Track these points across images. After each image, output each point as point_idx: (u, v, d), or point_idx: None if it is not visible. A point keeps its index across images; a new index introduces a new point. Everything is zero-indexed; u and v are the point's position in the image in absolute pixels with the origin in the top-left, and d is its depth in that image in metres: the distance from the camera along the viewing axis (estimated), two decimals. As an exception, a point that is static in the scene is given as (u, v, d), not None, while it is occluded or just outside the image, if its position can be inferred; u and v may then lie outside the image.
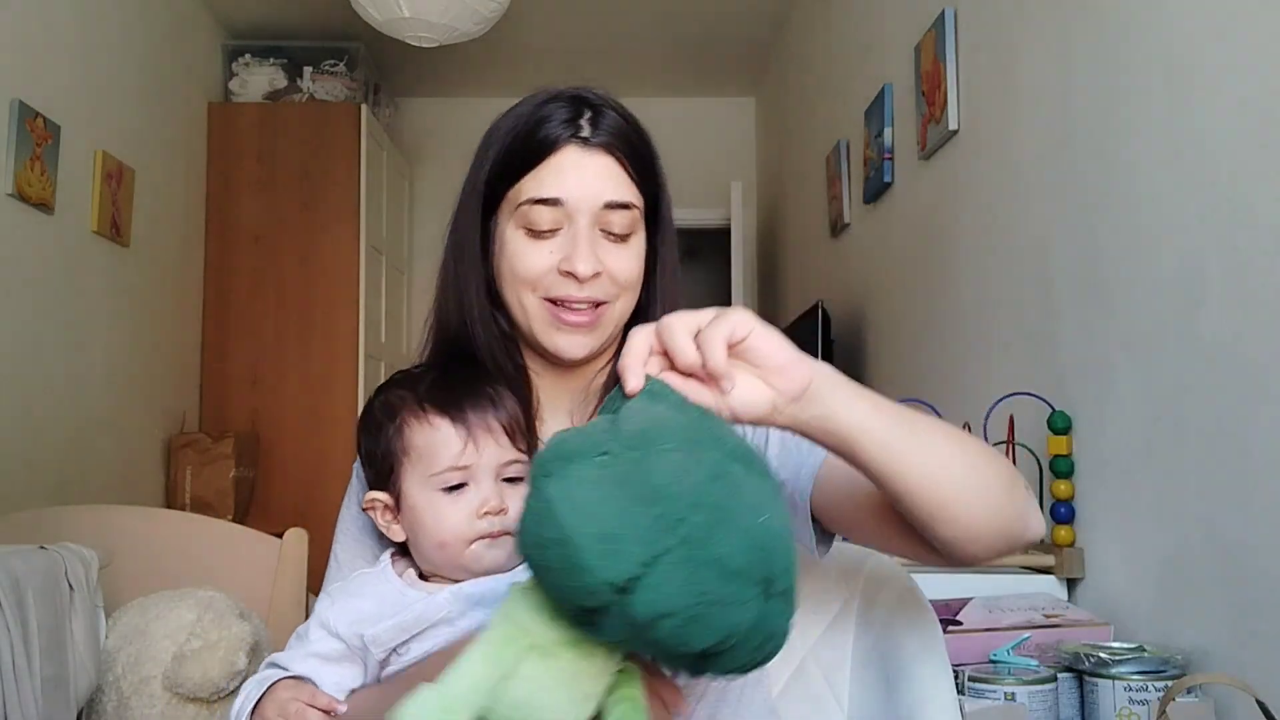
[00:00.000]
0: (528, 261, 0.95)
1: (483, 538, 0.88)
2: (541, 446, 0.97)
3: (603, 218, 0.95)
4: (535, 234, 0.95)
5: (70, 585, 1.62)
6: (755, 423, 0.75)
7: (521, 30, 4.05)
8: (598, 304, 0.96)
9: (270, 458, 3.95)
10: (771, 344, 0.73)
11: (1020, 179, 1.95)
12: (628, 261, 0.96)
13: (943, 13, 2.29)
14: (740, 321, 0.71)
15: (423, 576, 0.92)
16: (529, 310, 0.96)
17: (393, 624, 0.86)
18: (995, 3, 2.07)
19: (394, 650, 0.87)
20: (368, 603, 0.89)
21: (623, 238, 0.96)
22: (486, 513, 0.88)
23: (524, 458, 0.91)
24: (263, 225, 4.05)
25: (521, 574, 0.73)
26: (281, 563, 1.86)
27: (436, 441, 0.89)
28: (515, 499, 0.89)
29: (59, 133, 2.86)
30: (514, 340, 1.01)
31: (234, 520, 3.46)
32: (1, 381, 2.64)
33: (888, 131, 2.73)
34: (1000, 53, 2.05)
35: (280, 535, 1.88)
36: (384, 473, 0.93)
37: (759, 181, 4.86)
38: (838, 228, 3.31)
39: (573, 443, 0.65)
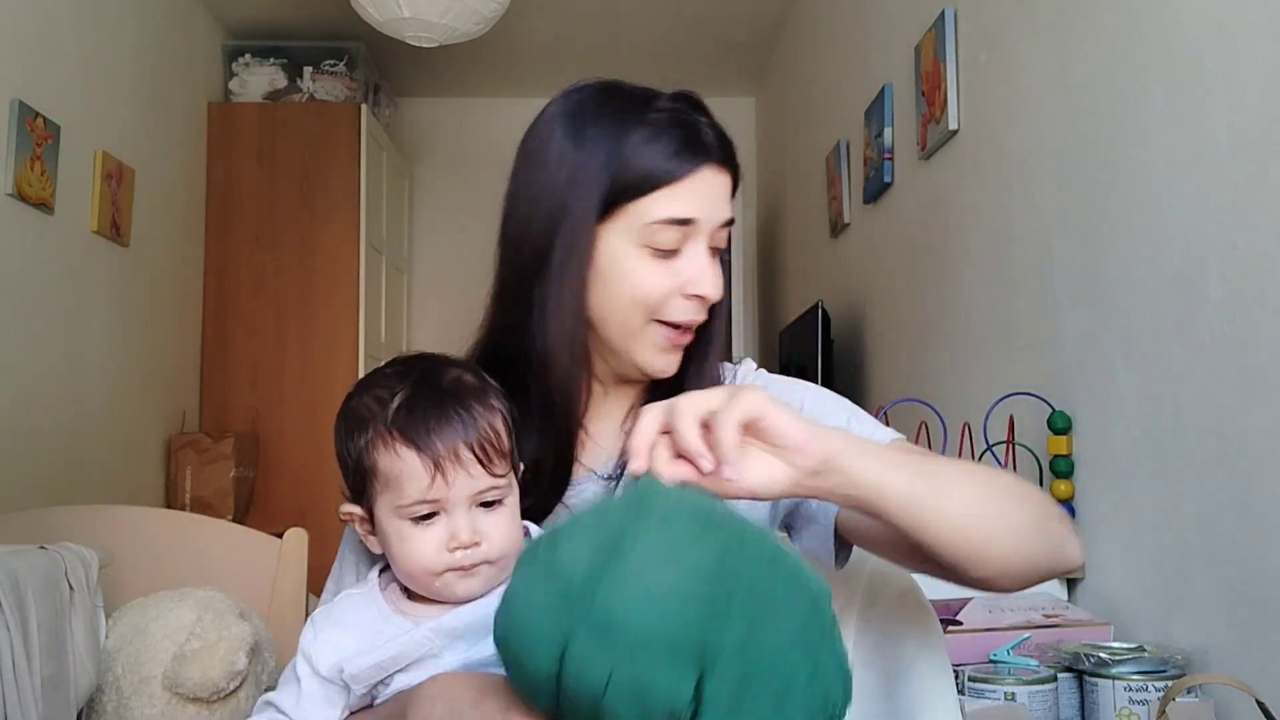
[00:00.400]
0: (649, 284, 0.91)
1: (454, 570, 0.84)
2: (587, 458, 0.98)
3: (716, 236, 0.93)
4: (661, 254, 0.91)
5: (70, 585, 1.62)
6: (776, 499, 0.76)
7: (521, 30, 4.05)
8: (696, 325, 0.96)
9: (270, 458, 3.95)
10: (786, 424, 0.72)
11: (1020, 179, 1.95)
12: (721, 277, 0.96)
13: (943, 13, 2.29)
14: (753, 405, 0.71)
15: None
16: (633, 330, 0.92)
17: (371, 663, 0.83)
18: (995, 3, 2.07)
19: (379, 683, 0.85)
20: (349, 635, 0.86)
21: (723, 252, 0.95)
22: (457, 546, 0.83)
23: (499, 482, 0.85)
24: (263, 225, 4.05)
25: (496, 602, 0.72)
26: (281, 563, 1.86)
27: (403, 473, 0.83)
28: (492, 525, 0.85)
29: (59, 133, 2.86)
30: (588, 354, 0.96)
31: (234, 520, 3.46)
32: (1, 382, 2.64)
33: (888, 131, 2.73)
34: (1000, 53, 2.05)
35: (280, 535, 1.88)
36: (356, 486, 0.89)
37: (759, 181, 4.86)
38: (838, 228, 3.32)
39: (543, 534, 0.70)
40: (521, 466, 0.92)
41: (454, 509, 0.84)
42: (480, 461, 0.83)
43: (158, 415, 3.63)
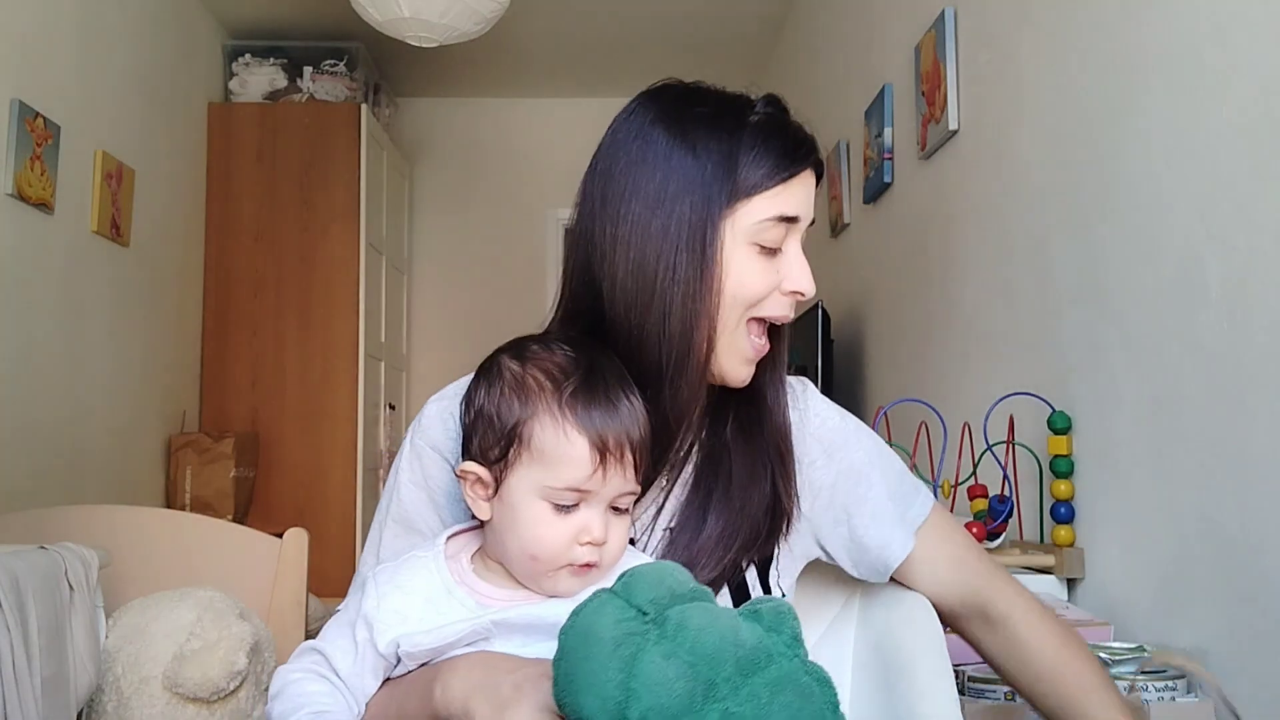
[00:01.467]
0: (754, 279, 0.93)
1: (572, 565, 0.83)
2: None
3: (803, 234, 0.98)
4: (767, 252, 0.94)
5: (70, 585, 1.62)
6: None
7: (521, 30, 4.05)
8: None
9: (270, 458, 3.95)
10: None
11: (1020, 179, 1.95)
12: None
13: (943, 13, 2.29)
14: None
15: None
16: (729, 328, 0.93)
17: (430, 646, 0.83)
18: (995, 3, 2.07)
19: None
20: (414, 603, 0.84)
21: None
22: (588, 542, 0.82)
23: (636, 489, 0.85)
24: (263, 225, 4.05)
25: (568, 609, 0.73)
26: (281, 563, 1.86)
27: (567, 457, 0.81)
28: (615, 531, 0.84)
29: (59, 133, 2.86)
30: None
31: (234, 520, 3.47)
32: (1, 381, 2.64)
33: (888, 131, 2.73)
34: (1000, 53, 2.05)
35: (280, 535, 1.88)
36: (489, 446, 0.85)
37: (759, 181, 4.85)
38: (838, 228, 3.32)
39: None
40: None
41: (595, 504, 0.83)
42: (635, 465, 0.84)
43: (158, 415, 3.63)
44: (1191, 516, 1.40)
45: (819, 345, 2.88)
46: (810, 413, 1.05)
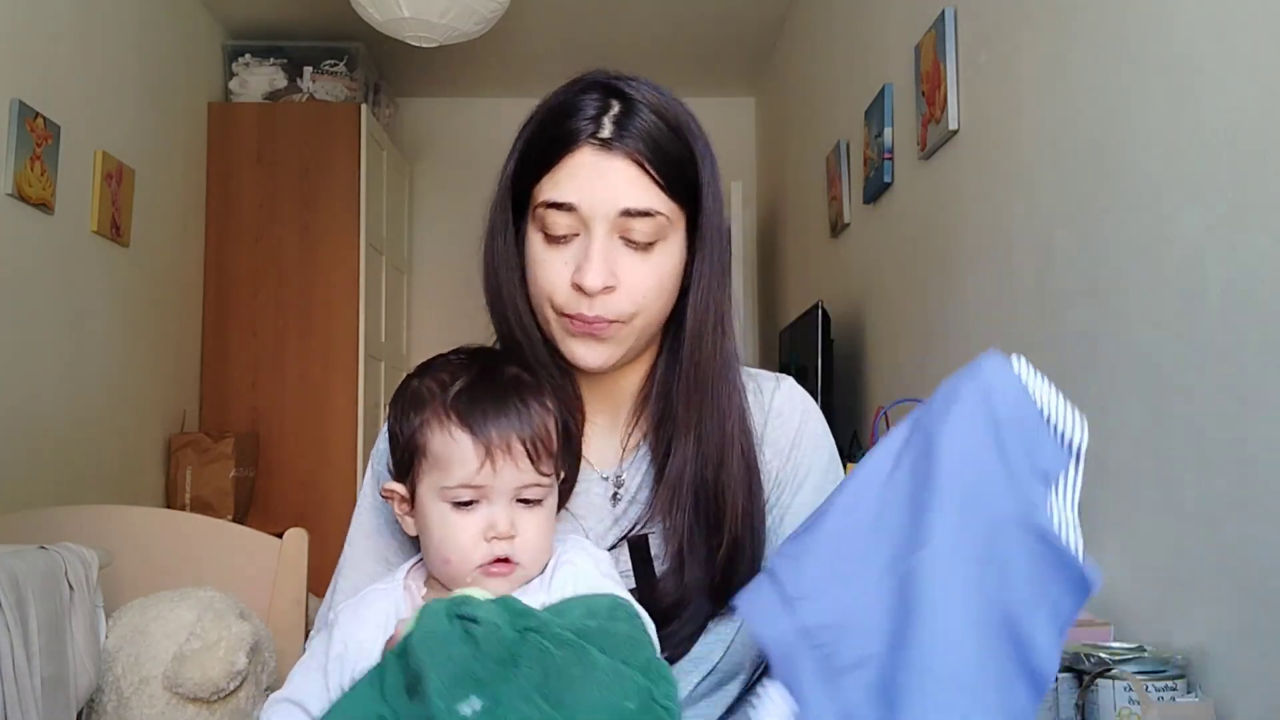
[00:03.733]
0: (544, 270, 0.90)
1: (488, 562, 0.84)
2: (587, 452, 0.97)
3: (622, 225, 0.88)
4: (552, 239, 0.90)
5: (70, 585, 1.62)
6: None
7: (521, 30, 4.05)
8: (608, 322, 0.90)
9: (270, 458, 3.95)
10: None
11: (1020, 179, 1.95)
12: (648, 275, 0.90)
13: (943, 13, 2.29)
14: None
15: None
16: (546, 318, 0.92)
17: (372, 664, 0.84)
18: (995, 3, 2.07)
19: None
20: (377, 633, 0.85)
21: (645, 246, 0.89)
22: (494, 537, 0.84)
23: (543, 480, 0.86)
24: (263, 225, 4.05)
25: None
26: (281, 563, 1.86)
27: (454, 455, 0.85)
28: (529, 523, 0.85)
29: (59, 133, 2.86)
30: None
31: (234, 520, 3.47)
32: (1, 381, 2.64)
33: (888, 131, 2.73)
34: (1000, 53, 2.05)
35: (280, 535, 1.88)
36: (403, 463, 0.89)
37: (759, 181, 4.86)
38: (838, 228, 3.32)
39: None
40: (563, 474, 0.92)
41: (496, 499, 0.85)
42: (530, 456, 0.85)
43: (158, 415, 3.63)
44: (1191, 516, 1.40)
45: (819, 345, 2.88)
46: (771, 414, 1.00)
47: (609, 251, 0.88)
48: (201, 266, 4.01)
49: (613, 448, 1.00)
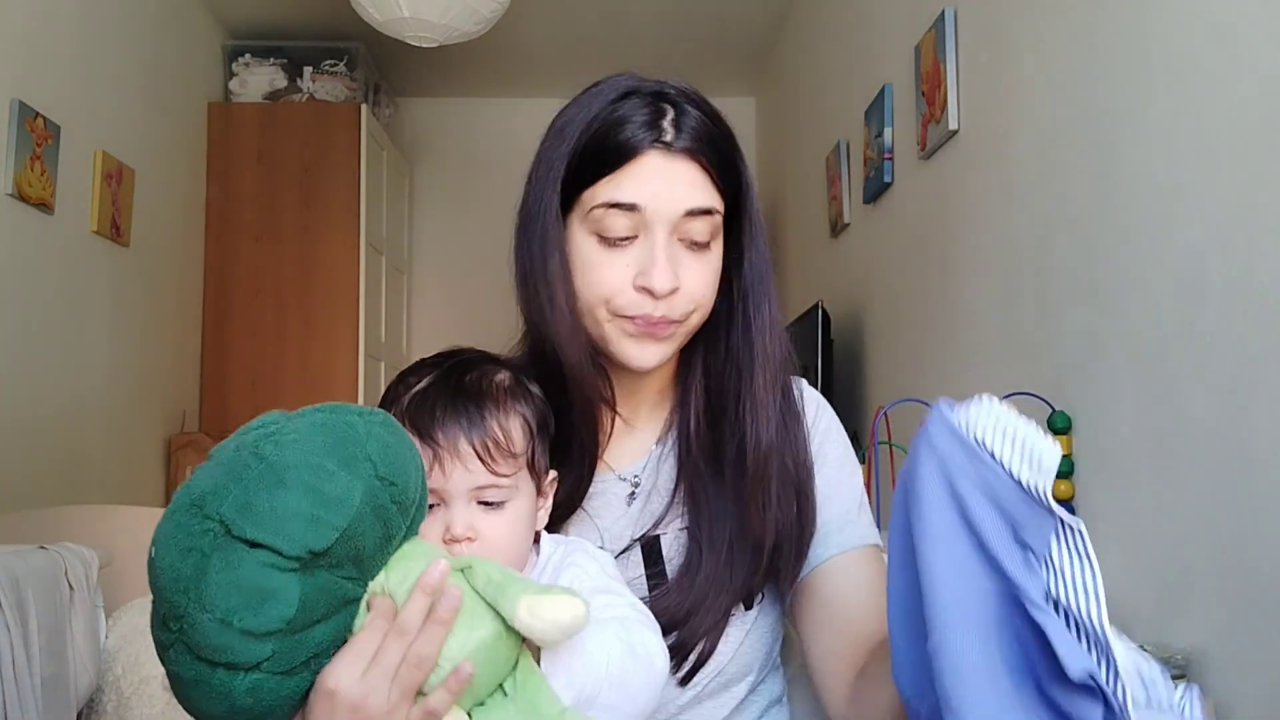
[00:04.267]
0: (601, 274, 0.89)
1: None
2: (609, 451, 0.97)
3: (683, 227, 0.89)
4: (609, 242, 0.89)
5: (70, 585, 1.62)
6: None
7: (521, 30, 4.05)
8: (671, 322, 0.90)
9: (270, 458, 3.94)
10: None
11: (1020, 179, 1.95)
12: (705, 275, 0.91)
13: (943, 13, 2.29)
14: None
15: None
16: (600, 319, 0.91)
17: None
18: (995, 3, 2.07)
19: None
20: None
21: (703, 246, 0.91)
22: (450, 539, 0.83)
23: (502, 481, 0.84)
24: (263, 225, 4.05)
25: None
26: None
27: None
28: (490, 524, 0.84)
29: (59, 133, 2.86)
30: (595, 349, 0.95)
31: (234, 520, 3.46)
32: (1, 381, 2.64)
33: (888, 131, 2.73)
34: (1000, 53, 2.05)
35: (280, 535, 1.88)
36: None
37: (759, 181, 4.85)
38: (838, 228, 3.32)
39: None
40: (552, 475, 0.91)
41: (453, 502, 0.84)
42: (481, 458, 0.84)
43: (158, 415, 3.63)
44: (1191, 516, 1.40)
45: (819, 345, 2.88)
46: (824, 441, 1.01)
47: (674, 254, 0.89)
48: (201, 266, 4.01)
49: (631, 448, 1.00)
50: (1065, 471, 1.71)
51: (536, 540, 0.91)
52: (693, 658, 0.92)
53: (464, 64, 4.53)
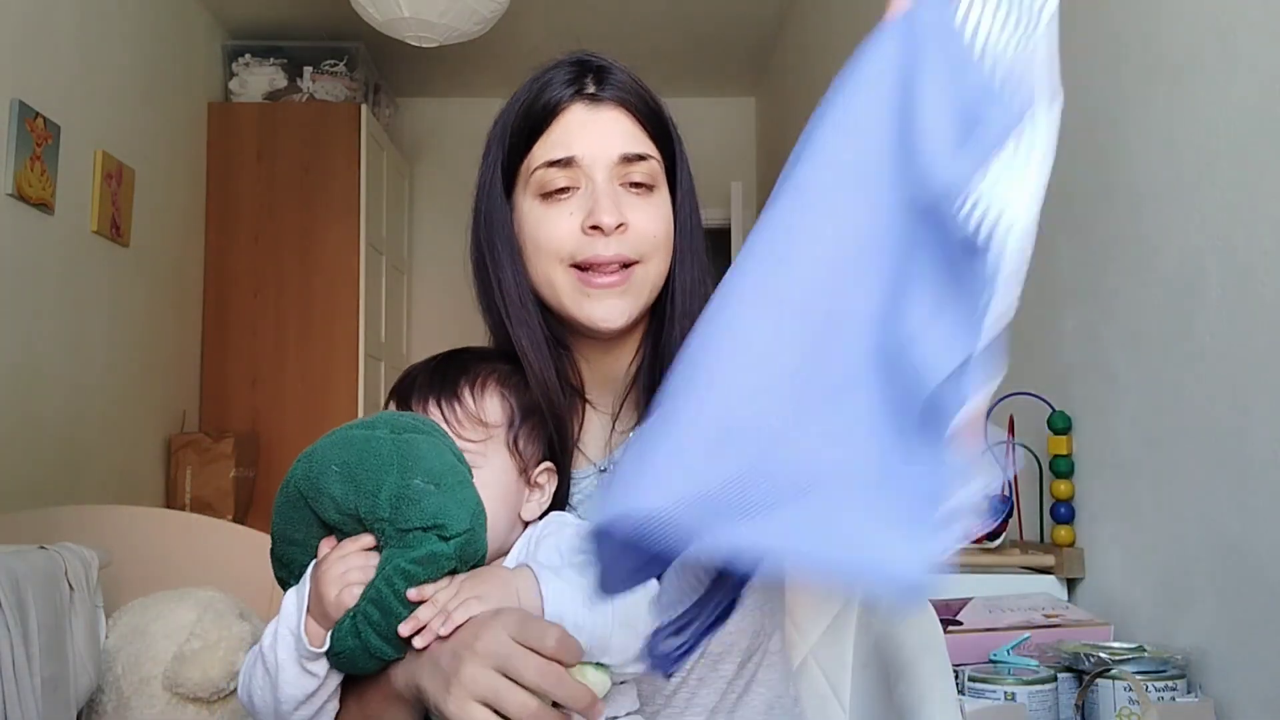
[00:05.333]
0: (548, 227, 0.92)
1: None
2: (582, 434, 0.97)
3: (621, 171, 0.92)
4: (551, 197, 0.92)
5: (70, 585, 1.62)
6: None
7: (521, 30, 4.05)
8: (627, 264, 0.92)
9: (270, 458, 3.95)
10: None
11: (1020, 179, 1.94)
12: (653, 215, 0.93)
13: (943, 13, 2.29)
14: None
15: None
16: (557, 284, 0.92)
17: None
18: (995, 3, 2.07)
19: None
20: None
21: (647, 189, 0.93)
22: None
23: (467, 446, 0.86)
24: (263, 225, 4.05)
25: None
26: (281, 563, 1.86)
27: None
28: None
29: (59, 133, 2.86)
30: (557, 331, 0.96)
31: (234, 520, 3.46)
32: (1, 381, 2.64)
33: (888, 131, 2.73)
34: (1000, 53, 2.05)
35: (280, 535, 1.88)
36: None
37: (759, 181, 4.85)
38: (838, 228, 3.31)
39: None
40: (543, 466, 0.91)
41: None
42: (445, 418, 0.87)
43: (158, 415, 3.63)
44: (1191, 516, 1.40)
45: (819, 345, 2.88)
46: None
47: (614, 194, 0.91)
48: (201, 266, 4.01)
49: (604, 437, 1.00)
50: (1065, 471, 1.72)
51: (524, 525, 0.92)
52: None
53: (464, 64, 4.53)
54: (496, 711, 0.73)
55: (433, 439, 0.81)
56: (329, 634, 0.78)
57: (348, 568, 0.78)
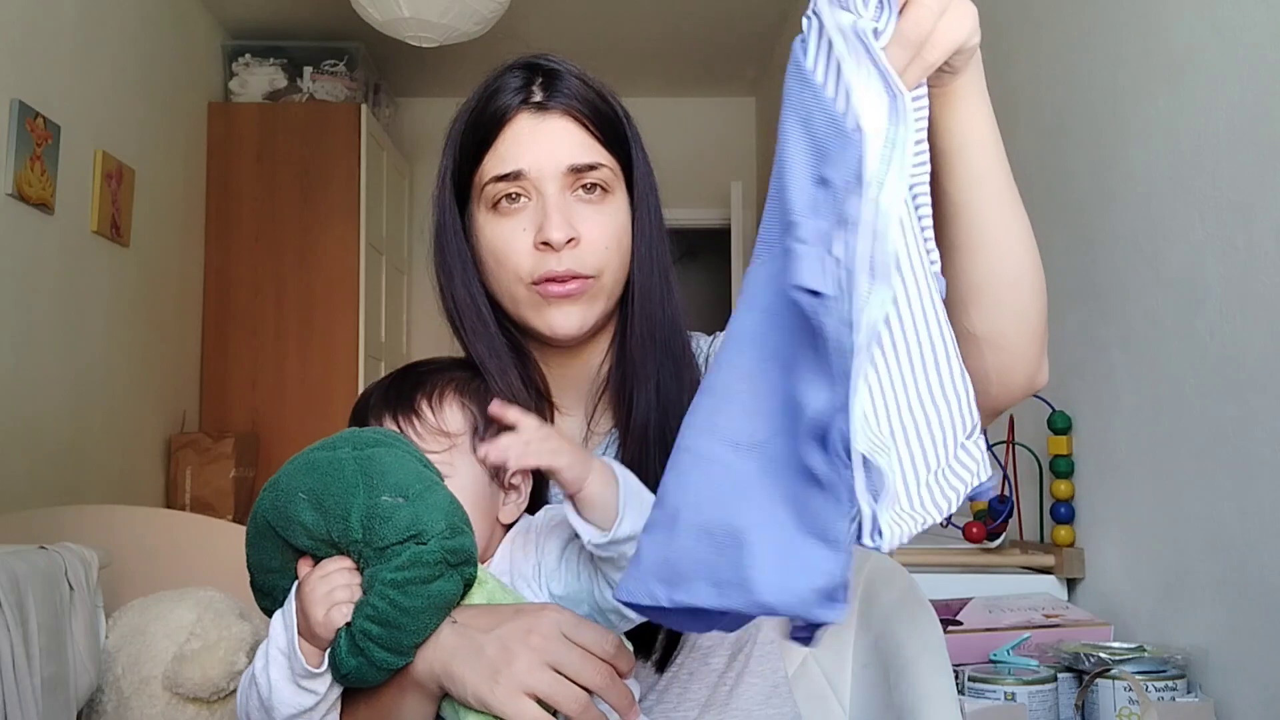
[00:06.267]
0: (501, 243, 0.91)
1: None
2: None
3: (571, 181, 0.91)
4: (503, 211, 0.91)
5: (70, 585, 1.62)
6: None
7: (521, 30, 4.05)
8: (581, 277, 0.91)
9: (270, 458, 3.95)
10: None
11: (1019, 179, 1.94)
12: (605, 226, 0.91)
13: (943, 13, 2.29)
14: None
15: None
16: (519, 298, 0.92)
17: None
18: (995, 3, 2.07)
19: None
20: None
21: (598, 198, 0.91)
22: None
23: (436, 453, 0.86)
24: (263, 225, 4.05)
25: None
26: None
27: None
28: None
29: (59, 133, 2.86)
30: (516, 337, 0.97)
31: (234, 520, 3.46)
32: (1, 381, 2.64)
33: (888, 131, 2.73)
34: (999, 53, 2.05)
35: (280, 535, 1.88)
36: None
37: (759, 181, 4.85)
38: (838, 228, 3.31)
39: None
40: (515, 471, 0.90)
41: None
42: (401, 429, 0.87)
43: (158, 415, 3.63)
44: (1191, 516, 1.40)
45: (819, 345, 2.88)
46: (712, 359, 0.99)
47: (565, 206, 0.90)
48: (201, 266, 4.01)
49: (578, 439, 1.00)
50: (1065, 471, 1.72)
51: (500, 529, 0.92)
52: (661, 637, 0.92)
53: (464, 64, 4.52)
54: (544, 706, 0.74)
55: (395, 450, 0.80)
56: (325, 654, 0.78)
57: (332, 586, 0.78)
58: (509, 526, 0.91)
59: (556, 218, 0.89)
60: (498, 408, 0.81)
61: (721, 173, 4.59)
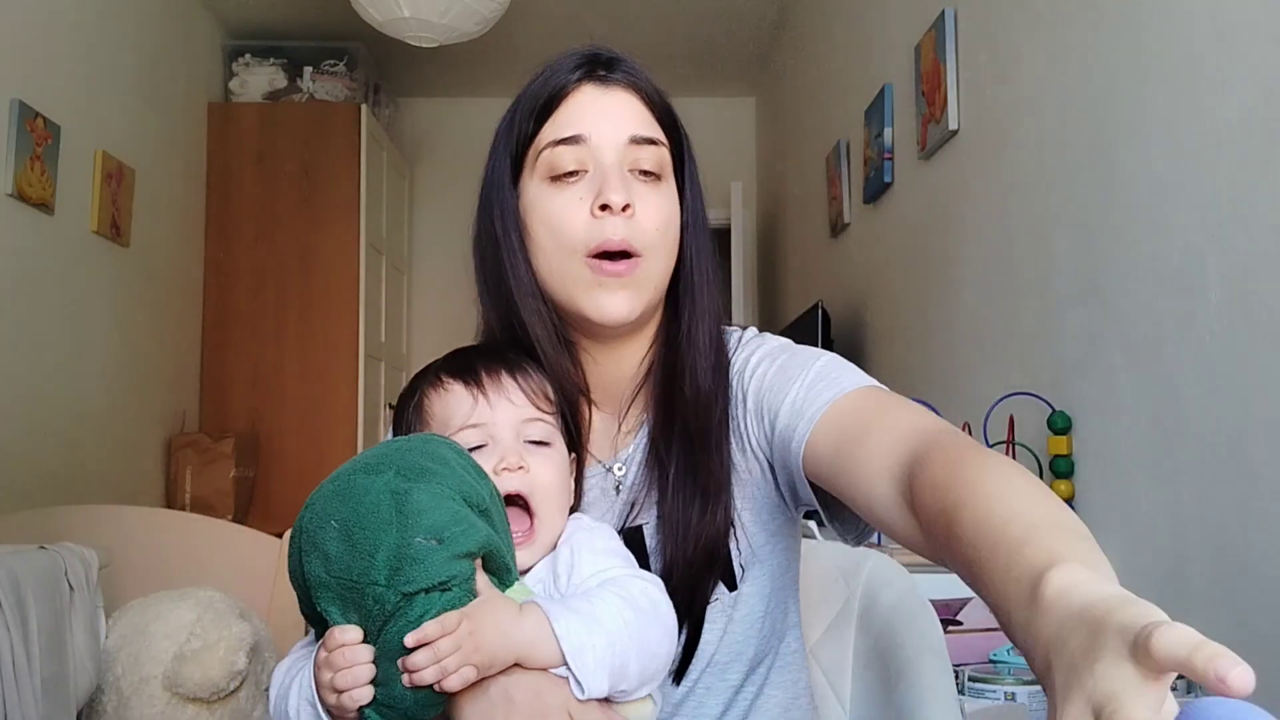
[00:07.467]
0: (557, 211, 0.89)
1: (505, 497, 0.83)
2: (592, 432, 0.96)
3: (630, 155, 0.90)
4: (560, 179, 0.90)
5: (70, 585, 1.62)
6: None
7: (521, 30, 4.05)
8: (633, 255, 0.89)
9: (270, 458, 3.95)
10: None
11: (1020, 179, 1.95)
12: (660, 205, 0.90)
13: (943, 13, 2.29)
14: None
15: None
16: (570, 276, 0.90)
17: None
18: (995, 3, 2.07)
19: None
20: None
21: (655, 176, 0.91)
22: (504, 469, 0.83)
23: (545, 417, 0.86)
24: (263, 225, 4.05)
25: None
26: (281, 563, 1.86)
27: (450, 403, 0.86)
28: (538, 462, 0.85)
29: (59, 133, 2.86)
30: (562, 329, 0.94)
31: (234, 520, 3.47)
32: (1, 381, 2.64)
33: (888, 131, 2.73)
34: (1000, 53, 2.05)
35: (280, 535, 1.88)
36: None
37: (759, 181, 4.86)
38: (837, 228, 3.32)
39: None
40: (573, 456, 0.90)
41: (501, 437, 0.85)
42: (523, 389, 0.86)
43: (158, 415, 3.63)
44: (1191, 516, 1.40)
45: (819, 345, 2.88)
46: (746, 370, 0.97)
47: (624, 177, 0.90)
48: (201, 266, 4.01)
49: (610, 437, 0.99)
50: (1065, 471, 1.72)
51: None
52: (678, 650, 0.91)
53: (464, 64, 4.53)
54: None
55: (435, 487, 0.75)
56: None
57: (335, 670, 0.73)
58: None
59: (616, 182, 0.88)
60: (413, 639, 0.72)
61: (721, 173, 4.59)
